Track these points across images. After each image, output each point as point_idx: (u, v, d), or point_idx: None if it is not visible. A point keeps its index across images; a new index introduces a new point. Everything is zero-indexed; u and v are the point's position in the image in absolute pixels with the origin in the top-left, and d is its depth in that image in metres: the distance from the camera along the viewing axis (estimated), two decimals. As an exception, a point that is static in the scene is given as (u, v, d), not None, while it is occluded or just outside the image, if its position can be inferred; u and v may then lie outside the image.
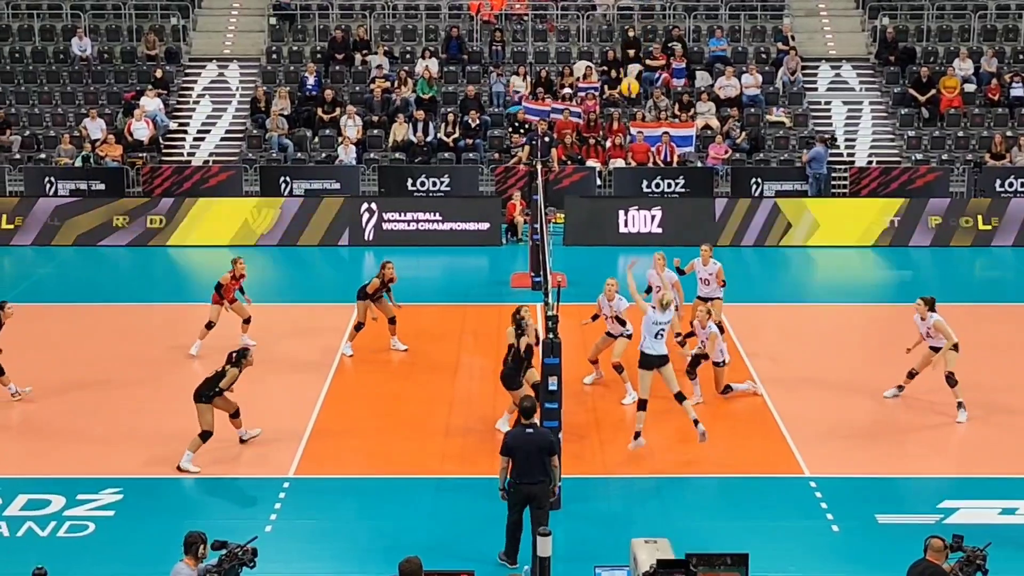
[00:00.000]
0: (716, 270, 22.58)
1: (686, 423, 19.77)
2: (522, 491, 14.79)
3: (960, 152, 35.59)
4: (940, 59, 38.35)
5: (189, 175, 34.12)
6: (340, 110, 35.97)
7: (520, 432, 15.00)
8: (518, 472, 14.78)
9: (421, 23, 39.70)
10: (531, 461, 14.72)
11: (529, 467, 14.72)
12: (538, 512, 14.81)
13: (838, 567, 15.40)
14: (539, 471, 14.74)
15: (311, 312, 26.00)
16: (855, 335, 24.88)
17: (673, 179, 34.07)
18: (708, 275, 22.66)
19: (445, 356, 23.22)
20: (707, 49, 38.64)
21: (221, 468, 18.25)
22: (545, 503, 14.85)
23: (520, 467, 14.75)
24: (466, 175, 34.45)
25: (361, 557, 15.56)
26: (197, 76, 38.48)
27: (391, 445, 19.16)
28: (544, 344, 16.57)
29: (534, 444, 14.79)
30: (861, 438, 19.51)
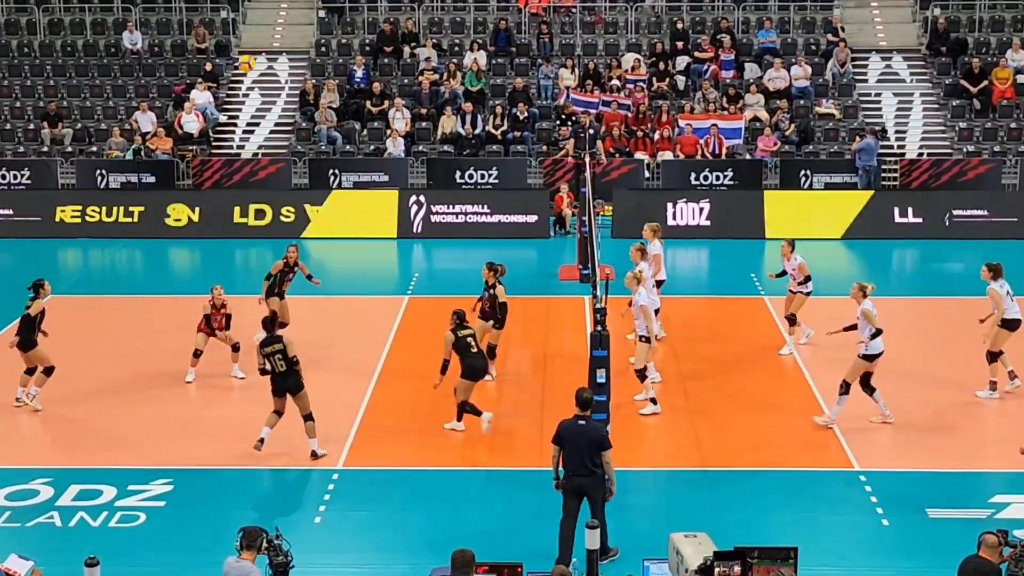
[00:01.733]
0: (798, 265, 22.63)
1: (732, 417, 19.79)
2: (573, 483, 14.65)
3: (1012, 144, 35.27)
4: (992, 50, 38.02)
5: (239, 168, 34.32)
6: (388, 103, 36.05)
7: (572, 423, 14.84)
8: (569, 464, 14.66)
9: (469, 16, 39.73)
10: (580, 453, 14.58)
11: (578, 459, 14.58)
12: (593, 507, 14.63)
13: (888, 562, 15.31)
14: (589, 464, 14.57)
15: (362, 304, 26.06)
16: (903, 327, 24.68)
17: (721, 171, 33.97)
18: (792, 270, 22.82)
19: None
20: (756, 41, 38.47)
21: (271, 460, 18.32)
22: (598, 498, 14.66)
23: (570, 459, 14.64)
24: (514, 167, 34.47)
25: (410, 548, 15.58)
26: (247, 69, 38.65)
27: (440, 437, 19.18)
28: (592, 336, 16.55)
29: (584, 436, 14.63)
30: (912, 431, 19.38)
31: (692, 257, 31.30)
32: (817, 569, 13.54)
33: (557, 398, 20.49)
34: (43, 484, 17.30)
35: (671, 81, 37.13)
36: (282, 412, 18.21)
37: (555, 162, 34.29)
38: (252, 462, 18.18)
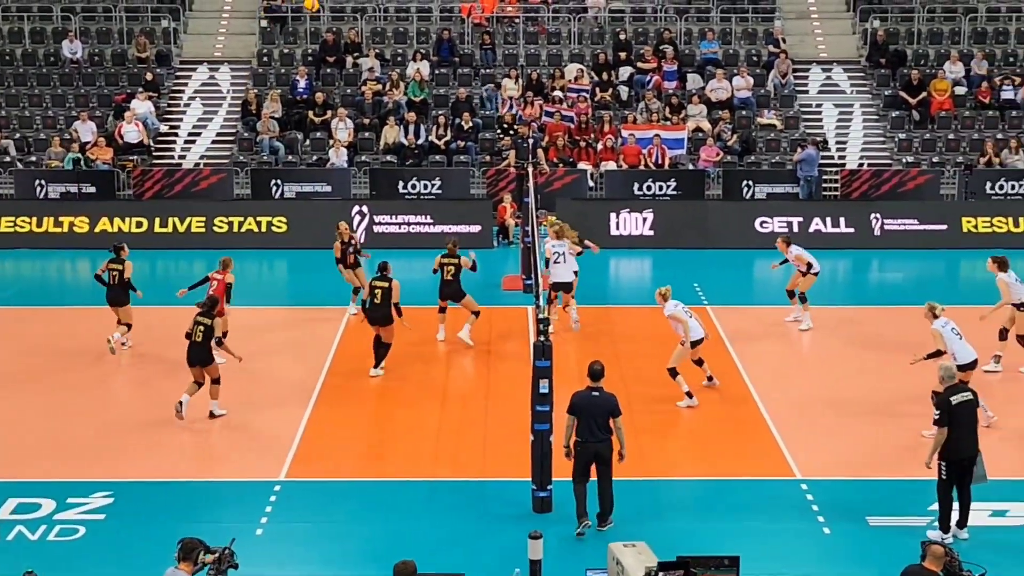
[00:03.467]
0: (795, 255, 24.58)
1: (675, 426, 19.85)
2: (589, 449, 15.86)
3: (951, 154, 35.63)
4: (931, 62, 38.41)
5: (180, 178, 34.09)
6: (331, 113, 35.95)
7: (587, 394, 16.03)
8: (584, 432, 15.86)
9: (412, 25, 39.70)
10: (596, 422, 15.84)
11: (595, 427, 15.84)
12: (604, 469, 15.99)
13: (829, 569, 15.39)
14: (603, 430, 15.88)
15: (303, 315, 25.96)
16: (844, 337, 24.86)
17: (664, 181, 34.10)
18: (792, 260, 24.67)
19: (437, 358, 23.20)
20: (698, 52, 38.67)
21: (211, 471, 18.23)
22: (610, 460, 15.97)
23: (586, 427, 15.85)
24: (457, 177, 34.45)
25: (353, 560, 15.52)
26: (188, 79, 38.44)
27: (383, 448, 19.16)
28: (535, 347, 16.56)
29: (599, 406, 15.91)
30: (852, 440, 19.51)
31: (635, 267, 31.38)
32: (759, 577, 13.61)
33: (500, 408, 20.52)
34: (-20, 498, 17.13)
35: (614, 91, 37.26)
36: (200, 382, 19.80)
37: (498, 172, 34.30)
38: (193, 474, 18.07)
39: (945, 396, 15.70)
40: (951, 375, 15.94)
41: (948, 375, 15.93)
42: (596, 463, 15.99)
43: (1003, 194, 33.92)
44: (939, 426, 15.53)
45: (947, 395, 15.68)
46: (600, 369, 16.21)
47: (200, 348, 19.76)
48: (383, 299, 21.85)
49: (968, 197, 34.00)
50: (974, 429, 15.72)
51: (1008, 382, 22.02)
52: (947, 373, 15.96)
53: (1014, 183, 34.01)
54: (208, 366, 19.83)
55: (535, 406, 16.48)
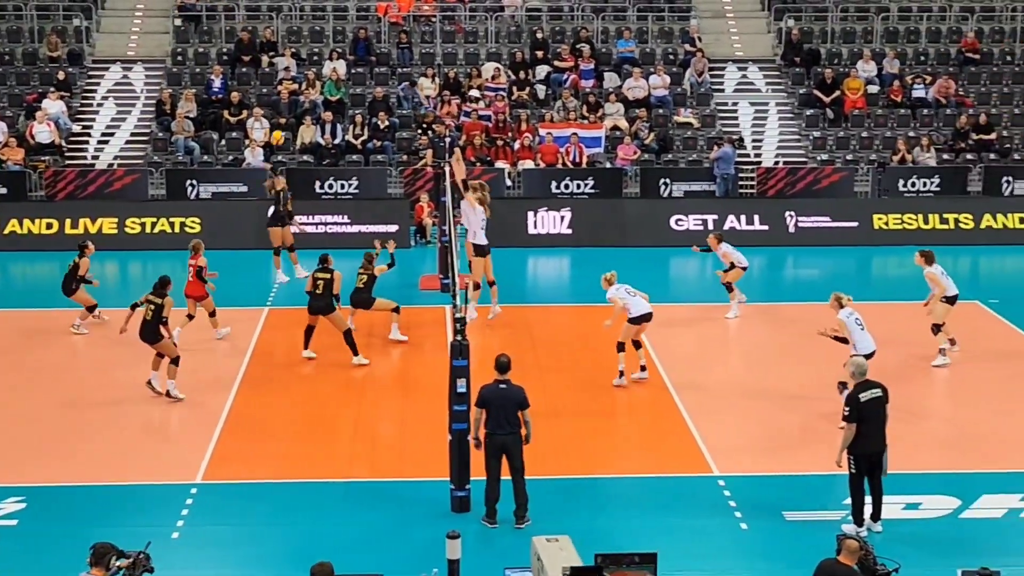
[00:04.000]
0: (723, 252, 25.36)
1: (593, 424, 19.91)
2: (496, 441, 16.08)
3: (864, 152, 36.03)
4: (844, 61, 38.81)
5: (93, 178, 33.66)
6: (247, 112, 35.67)
7: (494, 387, 16.22)
8: (492, 424, 16.08)
9: (328, 24, 39.50)
10: (505, 414, 16.06)
11: (503, 419, 16.07)
12: (512, 460, 16.18)
13: (747, 564, 15.51)
14: (512, 423, 16.10)
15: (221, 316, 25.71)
16: (761, 335, 25.07)
17: (582, 180, 34.18)
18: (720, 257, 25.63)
19: (352, 359, 23.08)
20: (615, 50, 38.80)
21: (127, 475, 18.03)
22: (518, 453, 16.17)
23: (494, 419, 16.08)
24: (374, 177, 34.31)
25: (271, 562, 15.44)
26: (101, 78, 37.97)
27: (299, 449, 19.03)
28: (453, 346, 16.54)
29: (508, 399, 16.14)
30: (768, 437, 19.68)
31: (554, 266, 31.45)
32: (677, 574, 13.65)
33: (417, 408, 20.48)
34: None
35: (531, 90, 37.31)
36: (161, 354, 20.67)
37: (415, 171, 34.21)
38: (107, 478, 17.88)
39: (854, 393, 15.91)
40: (862, 371, 16.10)
41: (859, 371, 16.10)
42: (505, 456, 16.15)
43: (915, 191, 34.36)
44: (848, 422, 15.75)
45: (856, 392, 15.89)
46: (507, 362, 16.39)
47: (148, 326, 20.51)
48: (325, 289, 22.45)
49: (881, 194, 34.40)
50: (882, 425, 15.91)
51: (921, 376, 22.32)
52: (858, 369, 16.13)
53: (926, 180, 34.46)
54: (157, 344, 20.52)
55: (452, 405, 16.48)
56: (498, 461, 16.22)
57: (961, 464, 18.57)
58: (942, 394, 22.14)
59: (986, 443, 19.37)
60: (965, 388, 21.96)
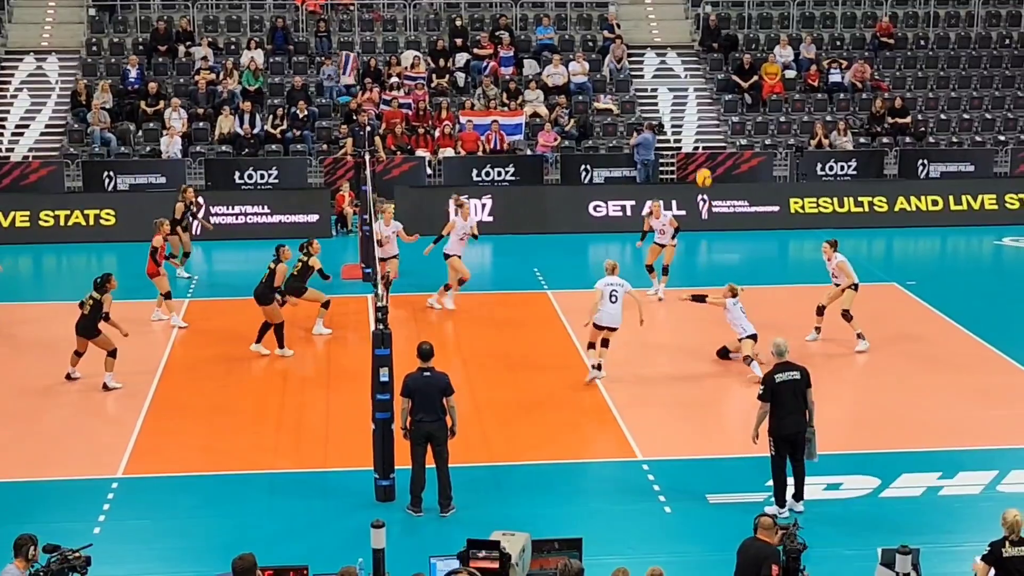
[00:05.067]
0: (668, 219, 26.00)
1: (518, 411, 19.96)
2: (422, 429, 16.04)
3: (782, 137, 36.34)
4: (761, 46, 39.09)
5: (8, 171, 33.18)
6: (164, 103, 35.32)
7: (419, 375, 16.17)
8: (417, 412, 16.04)
9: (246, 13, 39.19)
10: (430, 401, 16.03)
11: (428, 407, 16.04)
12: (438, 449, 16.18)
13: (671, 547, 15.61)
14: (437, 410, 16.06)
15: (136, 309, 25.50)
16: (679, 317, 25.22)
17: (503, 167, 34.20)
18: (662, 225, 26.00)
19: (274, 348, 22.96)
20: (534, 37, 38.82)
21: (47, 471, 17.84)
22: (443, 441, 16.17)
23: (419, 407, 16.04)
24: (294, 167, 34.13)
25: (195, 556, 15.33)
26: (14, 69, 37.42)
27: (223, 441, 18.93)
28: (375, 335, 16.50)
29: (432, 386, 16.09)
30: (691, 420, 19.83)
31: (475, 253, 31.37)
32: (602, 559, 13.69)
33: (341, 398, 20.43)
34: None
35: (451, 78, 37.25)
36: (81, 352, 20.83)
37: (336, 161, 34.06)
38: (27, 474, 17.68)
39: (771, 373, 16.16)
40: (780, 352, 16.33)
41: (777, 352, 16.35)
42: (430, 444, 16.15)
43: (833, 175, 34.72)
44: (762, 401, 16.05)
45: (773, 372, 16.15)
46: (429, 349, 16.38)
47: (87, 320, 20.56)
48: (268, 279, 22.56)
49: (799, 179, 34.74)
50: (800, 407, 16.06)
51: (839, 358, 22.58)
52: (776, 350, 16.37)
53: (843, 164, 34.83)
54: (94, 339, 20.61)
55: (376, 395, 16.45)
56: (423, 449, 16.20)
57: (880, 444, 18.82)
58: (859, 375, 22.41)
59: (905, 422, 19.64)
60: (883, 369, 22.23)
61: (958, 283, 28.04)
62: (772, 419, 15.98)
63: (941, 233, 32.59)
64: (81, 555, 12.11)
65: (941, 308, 25.43)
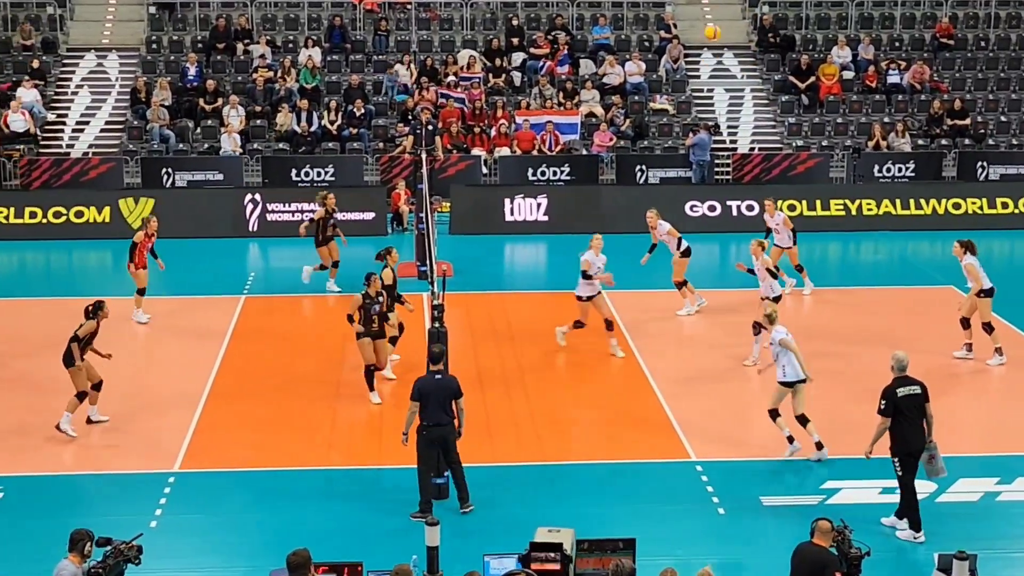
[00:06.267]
0: (782, 219, 25.37)
1: (571, 411, 19.96)
2: (434, 433, 15.87)
3: (839, 138, 36.13)
4: (819, 46, 38.89)
5: (68, 167, 33.53)
6: (222, 100, 35.57)
7: (429, 378, 16.07)
8: (428, 416, 15.85)
9: (303, 12, 39.38)
10: (441, 405, 15.89)
11: (438, 411, 15.89)
12: (449, 452, 16.07)
13: (724, 549, 15.56)
14: (448, 413, 15.94)
15: (194, 305, 25.71)
16: (737, 320, 25.10)
17: (558, 167, 34.20)
18: (776, 224, 25.48)
19: (331, 347, 23.08)
20: (591, 37, 38.80)
21: (105, 464, 18.02)
22: (453, 444, 16.04)
23: (430, 411, 15.85)
24: (351, 165, 34.27)
25: (250, 551, 15.43)
26: (75, 66, 37.80)
27: (278, 438, 19.02)
28: (430, 333, 16.56)
29: (443, 389, 15.95)
30: (745, 422, 19.75)
31: (530, 253, 31.47)
32: (655, 559, 13.67)
33: (395, 396, 20.48)
34: None
35: (507, 77, 37.29)
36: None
37: (392, 159, 34.18)
38: (86, 468, 17.86)
39: (892, 387, 15.53)
40: (902, 367, 15.70)
41: (899, 366, 15.71)
42: (442, 449, 16.06)
43: (890, 177, 34.48)
44: (883, 416, 15.46)
45: (894, 386, 15.52)
46: (440, 352, 16.29)
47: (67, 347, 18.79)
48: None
49: (856, 180, 34.52)
50: (919, 422, 15.49)
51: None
52: (898, 364, 15.73)
53: (901, 166, 34.59)
54: (68, 368, 18.75)
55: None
56: (436, 453, 16.09)
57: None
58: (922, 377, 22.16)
59: (962, 427, 19.46)
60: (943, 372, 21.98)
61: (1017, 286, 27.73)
62: (895, 436, 15.42)
63: (999, 236, 32.27)
64: (134, 545, 12.22)
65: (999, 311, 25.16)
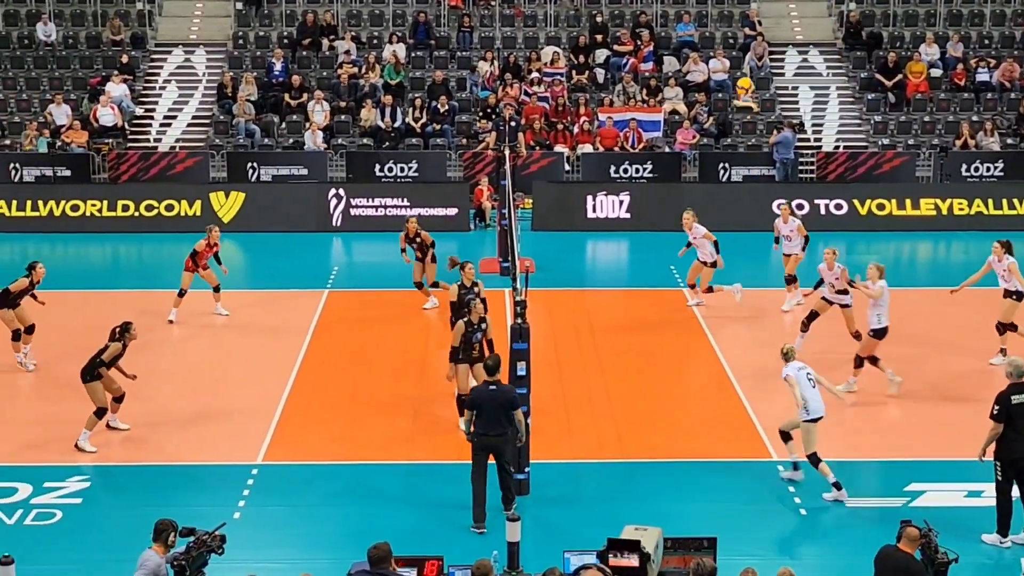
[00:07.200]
0: (796, 226, 24.63)
1: (653, 408, 19.91)
2: (485, 442, 15.67)
3: (926, 137, 35.72)
4: (906, 44, 38.47)
5: (156, 161, 33.95)
6: (307, 96, 35.85)
7: (484, 388, 15.89)
8: (482, 425, 15.66)
9: (388, 8, 39.58)
10: (496, 415, 15.62)
11: (493, 420, 15.62)
12: (501, 462, 15.79)
13: (806, 550, 15.47)
14: (502, 424, 15.63)
15: (277, 299, 25.93)
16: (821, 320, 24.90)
17: (641, 164, 34.11)
18: (790, 231, 24.71)
19: (412, 341, 23.20)
20: (674, 34, 38.65)
21: (189, 455, 18.22)
22: (507, 454, 15.82)
23: (485, 420, 15.65)
24: (434, 160, 34.40)
25: (331, 543, 15.53)
26: (163, 61, 38.27)
27: (359, 431, 19.15)
28: (513, 329, 16.57)
29: (497, 400, 15.67)
30: (828, 421, 19.53)
31: (612, 250, 31.43)
32: (736, 558, 13.60)
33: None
34: (-44, 482, 17.10)
35: (590, 74, 37.25)
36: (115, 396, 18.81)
37: (475, 155, 34.27)
38: (170, 458, 18.07)
39: (1007, 393, 15.19)
40: (1020, 372, 15.30)
41: (1017, 372, 15.33)
42: (493, 455, 15.76)
43: (978, 176, 34.03)
44: (995, 421, 15.14)
45: (1009, 392, 15.18)
46: (494, 364, 15.99)
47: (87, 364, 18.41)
48: None
49: (943, 179, 34.12)
50: None
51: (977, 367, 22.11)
52: (1016, 370, 15.35)
53: (989, 165, 34.12)
54: (87, 384, 18.31)
55: (498, 362, 16.49)
56: (484, 460, 15.77)
57: None
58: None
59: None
60: None
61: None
62: (1001, 442, 15.09)
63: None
64: (217, 535, 12.35)
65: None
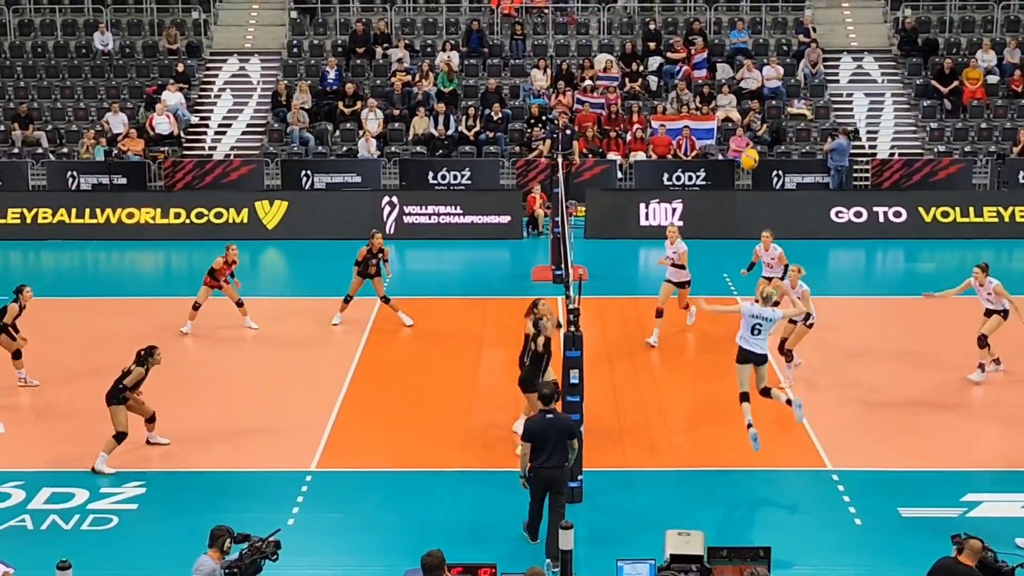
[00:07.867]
0: (778, 254, 23.18)
1: (705, 416, 19.85)
2: (543, 475, 15.00)
3: (983, 144, 35.43)
4: (963, 50, 38.19)
5: (211, 169, 34.20)
6: (361, 104, 36.01)
7: (541, 419, 15.14)
8: (537, 457, 14.97)
9: (442, 16, 39.71)
10: (553, 446, 14.93)
11: (551, 452, 14.94)
12: (557, 497, 15.04)
13: (860, 560, 15.35)
14: (560, 456, 14.98)
15: (332, 306, 26.01)
16: (875, 328, 24.76)
17: (694, 172, 34.03)
18: (771, 259, 23.29)
19: (466, 349, 23.24)
20: (728, 41, 38.56)
21: (243, 462, 18.32)
22: (564, 488, 15.12)
23: (542, 451, 14.95)
24: (487, 168, 34.46)
25: (384, 550, 15.56)
26: (218, 70, 38.56)
27: (412, 439, 19.18)
28: (566, 337, 16.55)
29: (555, 429, 14.98)
30: (884, 431, 19.46)
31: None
32: (790, 568, 13.58)
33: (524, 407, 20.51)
34: (14, 487, 17.24)
35: (643, 82, 37.21)
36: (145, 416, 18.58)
37: (528, 163, 34.30)
38: (225, 465, 18.17)
39: None
40: None
41: None
42: (550, 491, 15.12)
43: (1037, 184, 33.73)
44: None
45: None
46: (550, 393, 15.30)
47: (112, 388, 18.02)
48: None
49: (1000, 187, 33.82)
50: None
51: None
52: None
53: (1047, 172, 33.83)
54: (110, 406, 17.96)
55: (565, 396, 16.45)
56: (543, 494, 15.21)
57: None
58: None
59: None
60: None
61: None
62: None
63: None
64: (271, 541, 12.42)
65: None
